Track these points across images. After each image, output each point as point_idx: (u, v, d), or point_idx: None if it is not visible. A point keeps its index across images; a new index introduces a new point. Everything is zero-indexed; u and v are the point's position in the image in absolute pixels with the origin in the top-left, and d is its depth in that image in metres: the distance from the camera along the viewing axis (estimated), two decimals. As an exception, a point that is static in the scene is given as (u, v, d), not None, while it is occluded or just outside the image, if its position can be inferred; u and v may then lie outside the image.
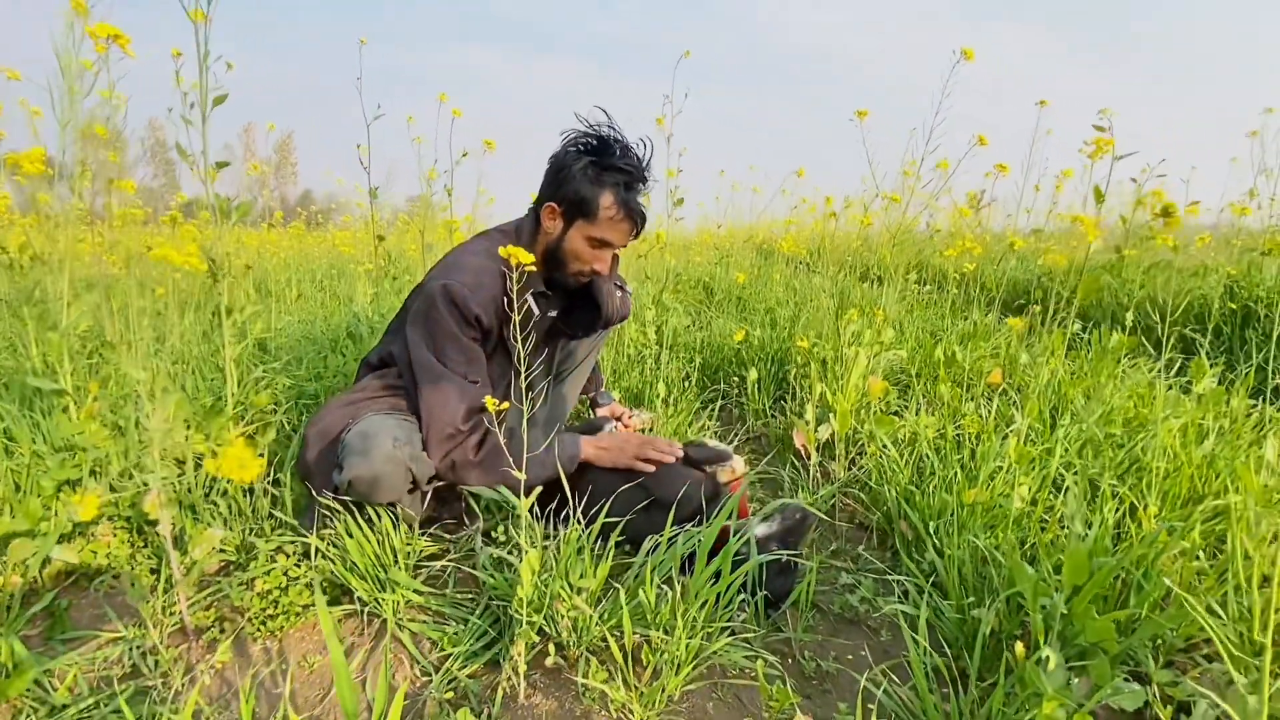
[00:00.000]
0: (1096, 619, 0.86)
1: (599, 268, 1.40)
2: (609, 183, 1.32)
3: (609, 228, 1.35)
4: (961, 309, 3.38)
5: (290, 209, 8.93)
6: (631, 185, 1.34)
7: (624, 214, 1.34)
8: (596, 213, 1.33)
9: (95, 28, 0.83)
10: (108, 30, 0.84)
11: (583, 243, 1.37)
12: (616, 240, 1.37)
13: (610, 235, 1.36)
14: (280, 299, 3.56)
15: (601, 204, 1.33)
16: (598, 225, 1.34)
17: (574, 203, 1.34)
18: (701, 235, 6.50)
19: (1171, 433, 1.39)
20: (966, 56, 1.97)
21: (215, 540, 1.04)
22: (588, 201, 1.33)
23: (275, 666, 1.05)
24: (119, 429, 1.43)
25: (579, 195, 1.33)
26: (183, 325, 2.23)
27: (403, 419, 1.30)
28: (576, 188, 1.33)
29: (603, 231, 1.35)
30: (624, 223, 1.36)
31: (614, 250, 1.40)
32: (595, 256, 1.39)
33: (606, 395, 1.89)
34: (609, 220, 1.34)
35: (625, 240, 1.40)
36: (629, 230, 1.38)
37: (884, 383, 1.83)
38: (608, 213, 1.33)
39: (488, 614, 1.14)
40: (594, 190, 1.33)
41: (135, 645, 1.07)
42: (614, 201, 1.33)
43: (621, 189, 1.33)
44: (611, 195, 1.33)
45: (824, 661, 1.07)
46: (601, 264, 1.40)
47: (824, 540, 1.46)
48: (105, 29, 0.83)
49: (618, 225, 1.35)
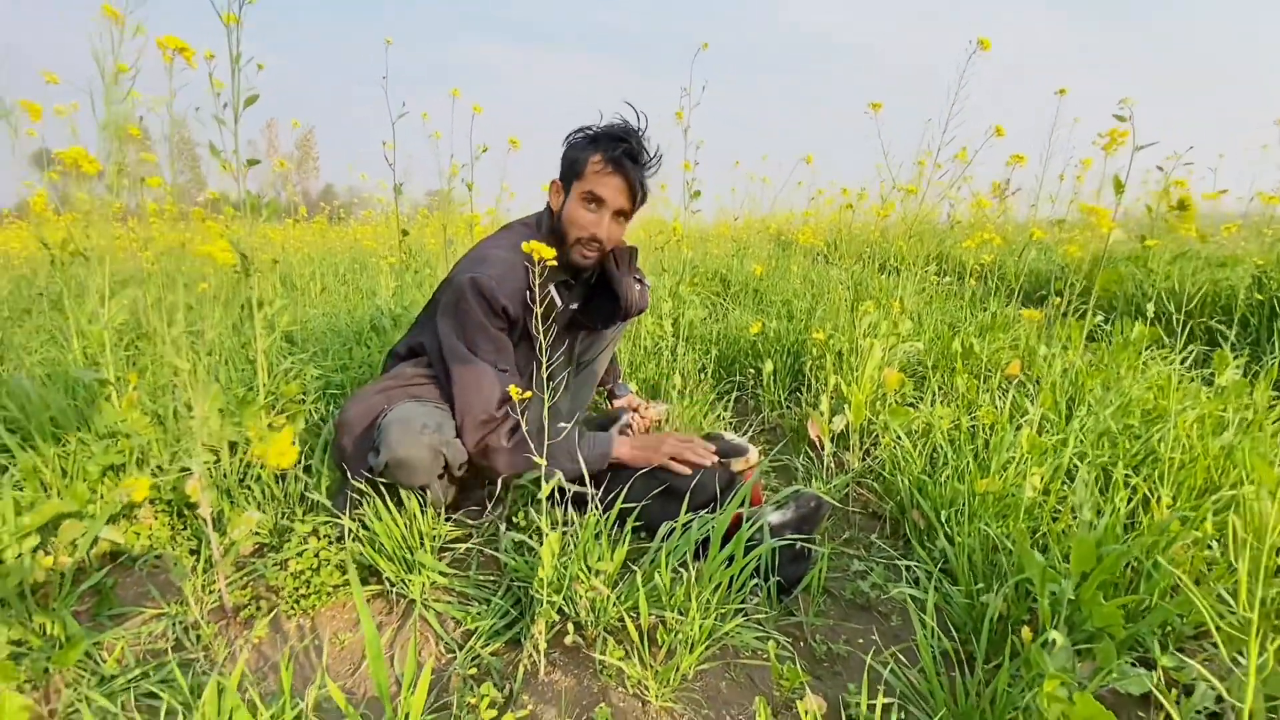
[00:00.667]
0: (1103, 604, 0.88)
1: (598, 233, 1.40)
2: (599, 145, 1.37)
3: (596, 180, 1.37)
4: (981, 300, 3.35)
5: (313, 203, 9.07)
6: (618, 145, 1.37)
7: (611, 167, 1.36)
8: (584, 169, 1.37)
9: (164, 39, 0.87)
10: (175, 43, 0.88)
11: (577, 204, 1.40)
12: (608, 196, 1.38)
13: (599, 189, 1.37)
14: (305, 292, 3.65)
15: (589, 159, 1.37)
16: (585, 180, 1.38)
17: (567, 169, 1.41)
18: (719, 227, 6.49)
19: (1189, 424, 1.39)
20: (983, 46, 1.96)
21: (252, 522, 1.10)
22: (577, 162, 1.38)
23: (309, 643, 1.11)
24: (158, 417, 1.50)
25: (570, 159, 1.40)
26: (214, 319, 2.30)
27: (436, 406, 1.35)
28: (570, 155, 1.40)
29: (590, 184, 1.37)
30: (612, 176, 1.37)
31: (609, 211, 1.40)
32: (591, 219, 1.39)
33: (624, 387, 1.92)
34: (595, 174, 1.37)
35: (619, 198, 1.40)
36: (621, 186, 1.39)
37: (899, 374, 1.84)
38: (594, 166, 1.37)
39: (509, 595, 1.18)
40: (584, 153, 1.38)
41: (178, 621, 1.13)
42: (600, 156, 1.36)
43: (610, 148, 1.36)
44: (599, 153, 1.37)
45: (834, 644, 1.10)
46: (599, 227, 1.40)
47: (837, 528, 1.49)
48: (173, 41, 0.88)
49: (605, 178, 1.37)
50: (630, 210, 1.45)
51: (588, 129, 1.42)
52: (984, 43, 1.96)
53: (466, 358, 1.31)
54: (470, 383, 1.30)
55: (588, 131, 1.42)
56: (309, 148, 39.37)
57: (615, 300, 1.58)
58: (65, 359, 1.86)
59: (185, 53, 0.91)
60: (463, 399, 1.30)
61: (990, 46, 1.95)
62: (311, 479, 1.42)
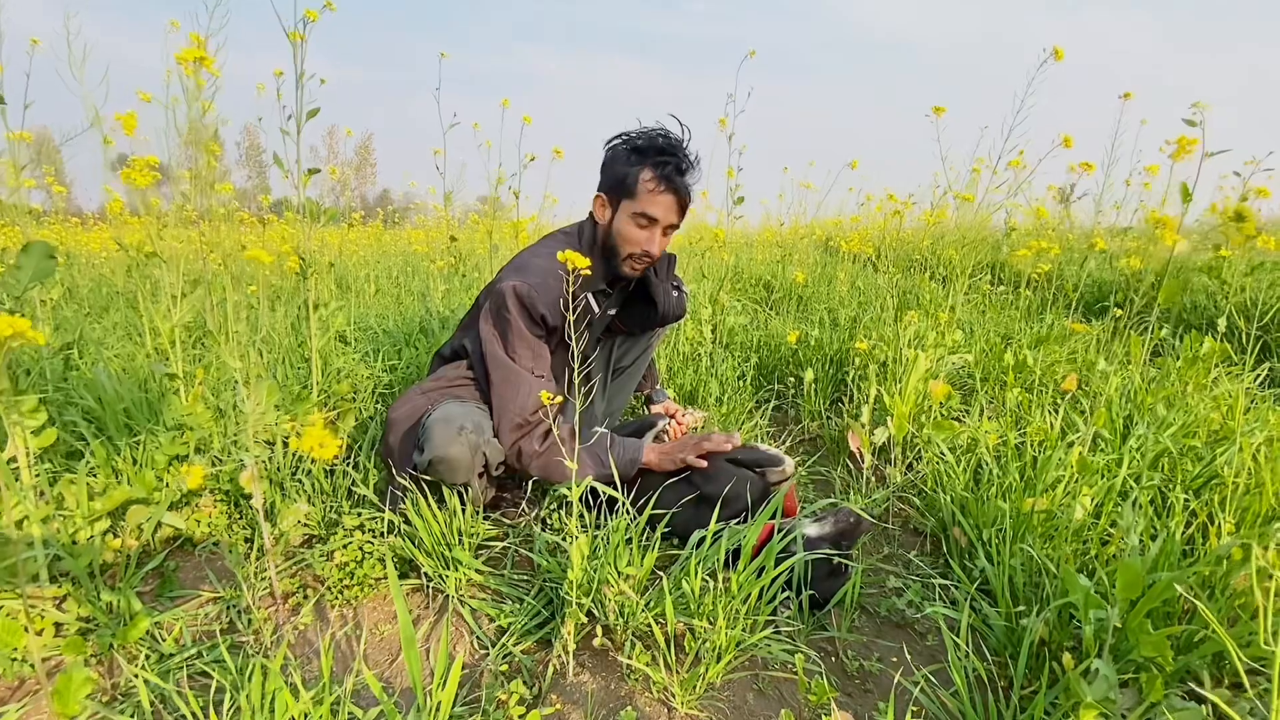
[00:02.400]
0: (1151, 633, 0.84)
1: (650, 249, 1.42)
2: (646, 161, 1.38)
3: (649, 200, 1.38)
4: (1037, 311, 3.22)
5: (370, 208, 9.41)
6: (667, 160, 1.38)
7: (663, 186, 1.37)
8: (635, 187, 1.38)
9: (184, 52, 0.94)
10: (195, 55, 0.94)
11: (628, 222, 1.41)
12: (660, 214, 1.39)
13: (652, 209, 1.39)
14: (360, 294, 3.79)
15: (641, 178, 1.38)
16: (638, 200, 1.39)
17: (616, 185, 1.41)
18: (764, 233, 6.44)
19: (1257, 446, 1.31)
20: (1057, 56, 1.89)
21: (301, 514, 1.15)
22: (628, 178, 1.39)
23: (350, 631, 1.16)
24: (220, 411, 1.59)
25: (618, 175, 1.40)
26: (273, 318, 2.42)
27: (477, 407, 1.39)
28: (618, 170, 1.41)
29: (644, 205, 1.39)
30: (664, 194, 1.38)
31: (660, 227, 1.42)
32: (643, 237, 1.41)
33: (661, 393, 1.93)
34: (648, 193, 1.38)
35: (670, 215, 1.41)
36: (672, 204, 1.40)
37: (946, 386, 1.79)
38: (646, 185, 1.38)
39: (541, 595, 1.21)
40: (634, 169, 1.39)
41: (231, 605, 1.20)
42: (652, 175, 1.37)
43: (660, 165, 1.37)
44: (650, 170, 1.37)
45: (867, 661, 1.08)
46: (651, 244, 1.42)
47: (875, 544, 1.46)
48: (193, 53, 0.94)
49: (658, 197, 1.38)
50: (679, 224, 1.47)
51: (628, 136, 1.44)
52: (1058, 52, 1.89)
53: (505, 363, 1.35)
54: (508, 387, 1.34)
55: (629, 139, 1.43)
56: (367, 154, 40.89)
57: (653, 306, 1.60)
58: (139, 355, 1.99)
59: (205, 62, 0.97)
60: (500, 403, 1.34)
61: (1064, 56, 1.89)
62: (359, 474, 1.48)
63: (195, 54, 1.10)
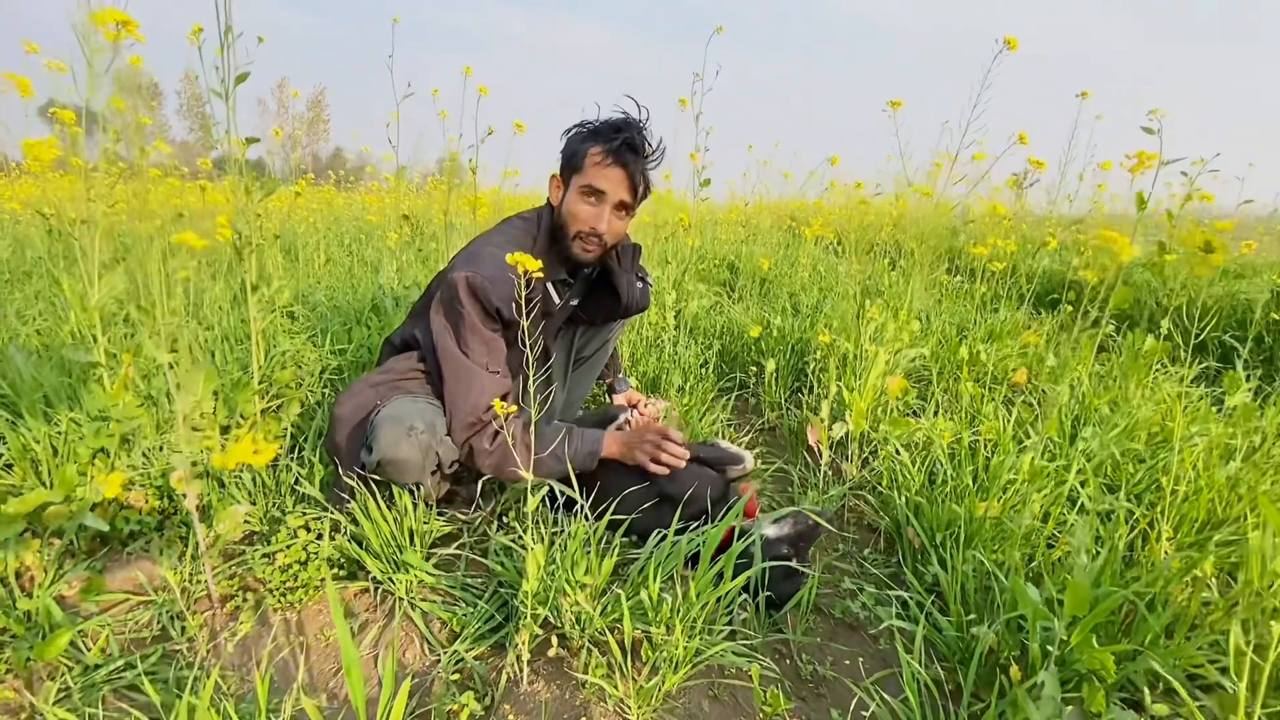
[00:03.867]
0: (1095, 649, 0.86)
1: (598, 226, 1.37)
2: (599, 138, 1.35)
3: (596, 173, 1.34)
4: (991, 303, 3.30)
5: (322, 168, 8.99)
6: (616, 136, 1.34)
7: (611, 159, 1.33)
8: (583, 162, 1.35)
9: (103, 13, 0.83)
10: (117, 16, 0.84)
11: (576, 198, 1.37)
12: (607, 188, 1.35)
13: (599, 181, 1.34)
14: (309, 264, 3.62)
15: (589, 152, 1.34)
16: (584, 173, 1.35)
17: (567, 162, 1.38)
18: (730, 211, 6.41)
19: (1195, 451, 1.36)
20: (1010, 46, 1.89)
21: (239, 516, 1.09)
22: (576, 154, 1.36)
23: (293, 638, 1.11)
24: (151, 399, 1.49)
25: (569, 152, 1.38)
26: (214, 292, 2.28)
27: (429, 402, 1.33)
28: (570, 148, 1.38)
29: (590, 177, 1.34)
30: (612, 168, 1.34)
31: (609, 204, 1.37)
32: (590, 213, 1.36)
33: (624, 382, 1.90)
34: (594, 165, 1.34)
35: (619, 190, 1.36)
36: (621, 178, 1.35)
37: (903, 381, 1.81)
38: (594, 158, 1.34)
39: (496, 598, 1.18)
40: (583, 145, 1.35)
41: (164, 610, 1.13)
42: (600, 149, 1.34)
43: (608, 140, 1.33)
44: (598, 144, 1.34)
45: (821, 666, 1.09)
46: (598, 221, 1.37)
47: (830, 540, 1.47)
48: (114, 15, 0.83)
49: (605, 170, 1.34)
50: (632, 203, 1.41)
51: (587, 123, 1.39)
52: (1011, 42, 1.89)
53: (457, 358, 1.29)
54: (460, 384, 1.28)
55: (587, 126, 1.39)
56: (320, 109, 38.97)
57: (616, 297, 1.55)
58: (62, 330, 1.85)
59: (128, 26, 0.87)
60: (451, 400, 1.29)
61: (1017, 46, 1.89)
62: (304, 469, 1.41)
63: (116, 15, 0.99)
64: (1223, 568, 1.17)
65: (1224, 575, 1.20)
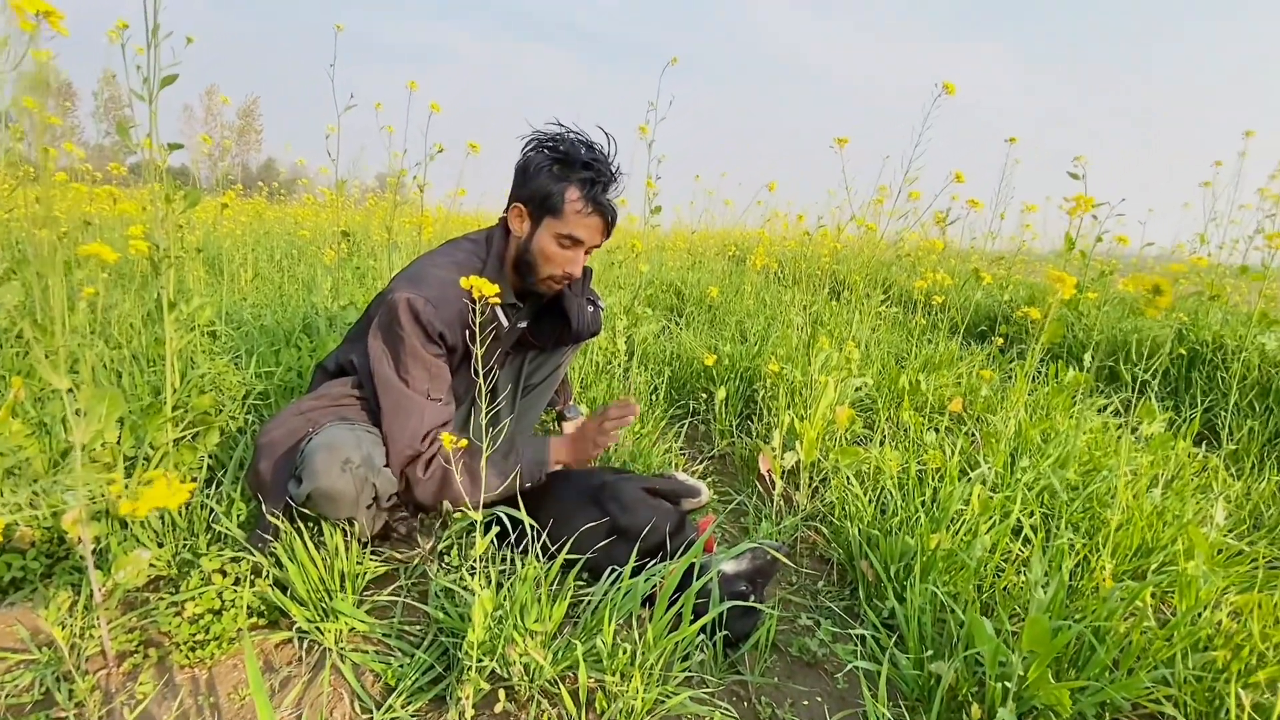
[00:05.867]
0: (1052, 684, 0.87)
1: (572, 270, 1.34)
2: (574, 178, 1.28)
3: (577, 223, 1.29)
4: (926, 333, 3.43)
5: (252, 179, 8.59)
6: (597, 180, 1.29)
7: (592, 208, 1.29)
8: (562, 208, 1.28)
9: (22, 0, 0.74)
10: (38, 5, 0.75)
11: (551, 242, 1.31)
12: (586, 237, 1.31)
13: (579, 231, 1.30)
14: (234, 279, 3.40)
15: (568, 198, 1.28)
16: (565, 221, 1.29)
17: (540, 200, 1.30)
18: (675, 238, 6.48)
19: (1125, 481, 1.42)
20: (948, 91, 1.98)
21: (143, 563, 0.97)
22: (553, 196, 1.28)
23: (203, 700, 0.99)
24: (44, 426, 1.33)
25: (544, 191, 1.29)
26: (123, 307, 2.09)
27: (366, 430, 1.24)
28: (542, 184, 1.29)
29: (570, 227, 1.29)
30: (592, 217, 1.30)
31: (584, 249, 1.34)
32: (566, 258, 1.32)
33: (574, 409, 1.85)
34: (576, 215, 1.29)
35: (596, 237, 1.34)
36: (599, 226, 1.33)
37: (851, 410, 1.83)
38: (574, 206, 1.28)
39: (435, 646, 1.09)
40: (559, 185, 1.28)
41: (49, 670, 0.99)
42: (580, 195, 1.28)
43: (588, 184, 1.29)
44: (578, 189, 1.28)
45: (780, 708, 1.05)
46: (574, 265, 1.33)
47: (784, 573, 1.45)
48: (34, 3, 0.74)
49: (586, 220, 1.30)
50: (602, 245, 1.39)
51: (547, 139, 1.32)
52: (949, 87, 1.98)
53: (396, 386, 1.21)
54: (399, 414, 1.20)
55: (551, 145, 1.31)
56: (251, 118, 37.48)
57: (566, 321, 1.51)
58: (-61, 347, 1.64)
59: (51, 17, 0.78)
60: (389, 431, 1.21)
61: (955, 91, 1.98)
62: (221, 506, 1.29)
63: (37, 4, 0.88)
64: (1156, 594, 1.21)
65: (1158, 601, 1.24)
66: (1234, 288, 3.82)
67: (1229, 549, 1.36)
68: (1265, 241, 2.16)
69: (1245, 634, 0.98)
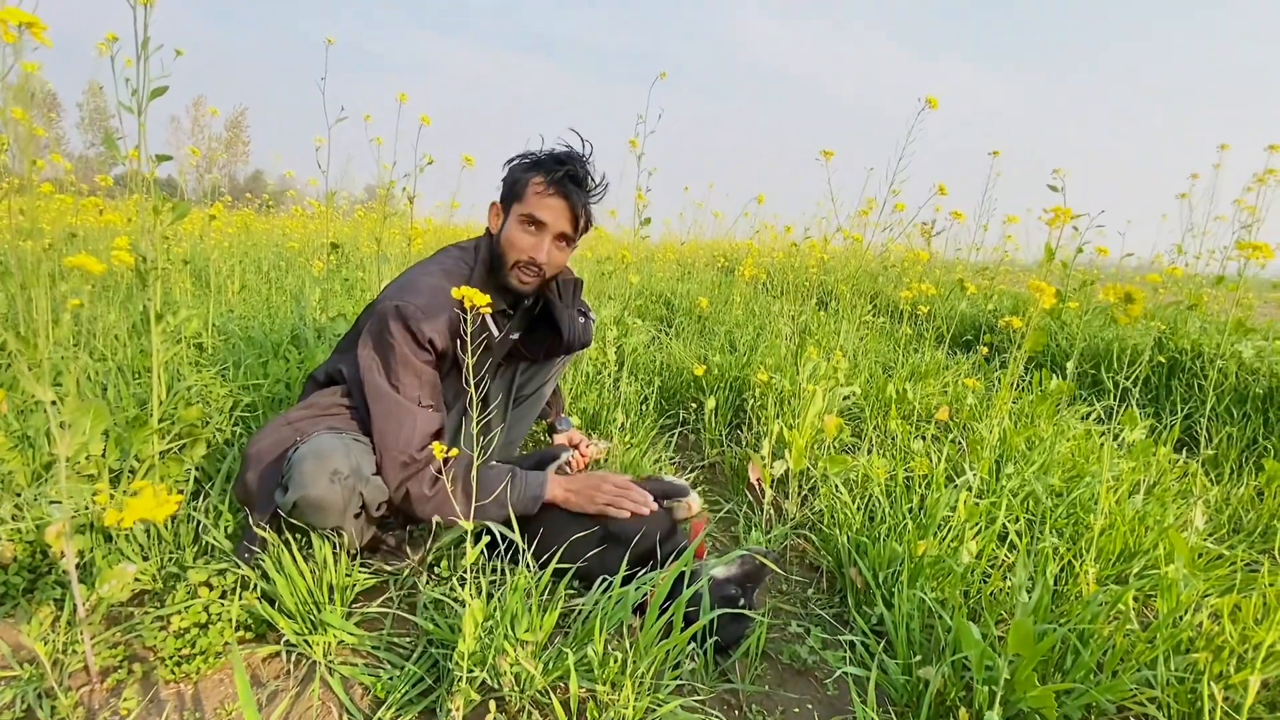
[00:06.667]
0: (1038, 687, 0.88)
1: (537, 256, 1.34)
2: (541, 168, 1.33)
3: (538, 203, 1.32)
4: (913, 343, 3.47)
5: (240, 190, 8.54)
6: (559, 168, 1.32)
7: (553, 189, 1.31)
8: (525, 191, 1.33)
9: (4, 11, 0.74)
10: (20, 17, 0.75)
11: (516, 227, 1.34)
12: (548, 219, 1.33)
13: (540, 212, 1.32)
14: (222, 290, 3.38)
15: (531, 181, 1.32)
16: (526, 202, 1.33)
17: (508, 191, 1.36)
18: (665, 249, 6.52)
19: (1108, 487, 1.44)
20: (931, 105, 2.02)
21: (128, 577, 0.96)
22: (518, 182, 1.34)
23: (188, 716, 0.97)
24: (27, 439, 1.32)
25: (511, 180, 1.36)
26: (109, 319, 2.08)
27: (354, 439, 1.23)
28: (510, 178, 1.37)
29: (531, 207, 1.32)
30: (553, 198, 1.32)
31: (550, 235, 1.34)
32: (530, 242, 1.34)
33: (565, 420, 1.85)
34: (536, 196, 1.32)
35: (560, 221, 1.34)
36: (562, 209, 1.33)
37: (839, 419, 1.85)
38: (535, 188, 1.32)
39: (425, 659, 1.08)
40: (526, 174, 1.34)
41: (31, 686, 0.98)
42: (542, 178, 1.32)
43: (550, 171, 1.32)
44: (542, 175, 1.32)
45: (771, 716, 1.06)
46: (538, 251, 1.34)
47: (774, 580, 1.46)
48: (16, 15, 0.74)
49: (546, 199, 1.32)
50: (573, 235, 1.39)
51: (530, 154, 1.37)
52: (931, 101, 2.03)
53: (387, 394, 1.21)
54: (390, 422, 1.20)
55: (529, 156, 1.37)
56: (239, 130, 37.37)
57: (558, 333, 1.52)
58: (-81, 360, 1.62)
59: (34, 28, 0.78)
60: (381, 439, 1.20)
61: (938, 105, 2.02)
62: (209, 518, 1.28)
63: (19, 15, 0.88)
64: (1138, 597, 1.23)
65: (1140, 604, 1.26)
66: (1211, 297, 3.89)
67: (1209, 553, 1.38)
68: (1239, 252, 2.22)
69: (1225, 636, 1.00)
